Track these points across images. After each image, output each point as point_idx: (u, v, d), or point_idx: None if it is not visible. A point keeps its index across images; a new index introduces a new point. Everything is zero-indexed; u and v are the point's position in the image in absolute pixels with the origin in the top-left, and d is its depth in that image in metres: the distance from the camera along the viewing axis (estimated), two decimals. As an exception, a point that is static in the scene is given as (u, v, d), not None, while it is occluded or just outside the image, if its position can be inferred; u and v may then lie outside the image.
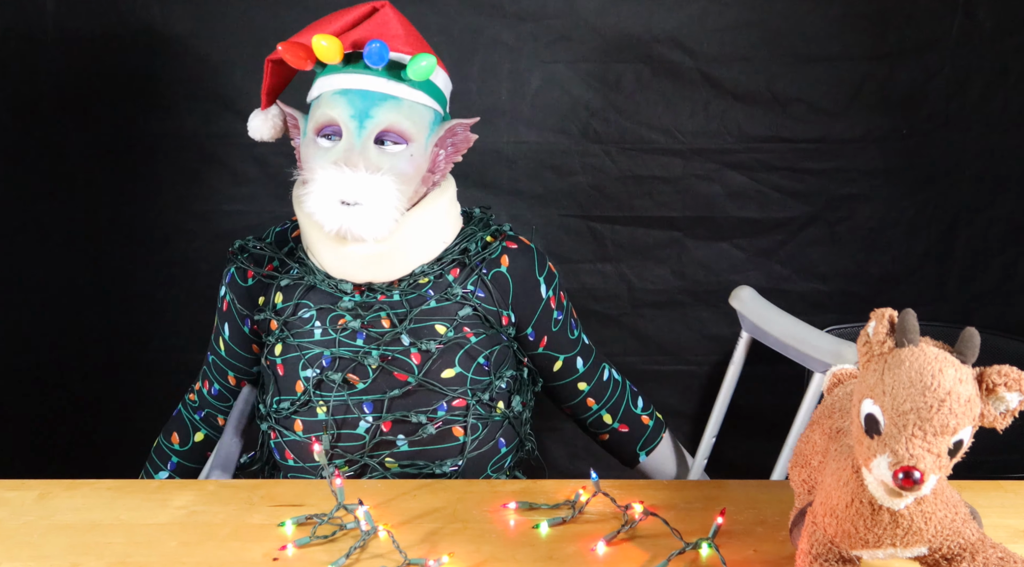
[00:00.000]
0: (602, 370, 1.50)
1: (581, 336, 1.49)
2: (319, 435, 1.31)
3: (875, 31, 1.91)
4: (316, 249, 1.31)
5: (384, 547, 1.05)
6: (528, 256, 1.40)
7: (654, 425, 1.55)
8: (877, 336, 0.85)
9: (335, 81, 1.26)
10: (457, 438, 1.33)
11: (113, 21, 1.89)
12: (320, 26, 1.28)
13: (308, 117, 1.30)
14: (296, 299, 1.33)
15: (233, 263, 1.40)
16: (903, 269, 2.04)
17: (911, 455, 0.78)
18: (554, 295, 1.43)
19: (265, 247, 1.40)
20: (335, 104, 1.25)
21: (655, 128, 1.97)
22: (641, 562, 1.03)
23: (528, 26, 1.91)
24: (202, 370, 1.49)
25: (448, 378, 1.31)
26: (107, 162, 1.96)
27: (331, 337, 1.31)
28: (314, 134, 1.27)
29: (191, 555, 1.04)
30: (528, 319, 1.40)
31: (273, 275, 1.36)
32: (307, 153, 1.28)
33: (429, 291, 1.32)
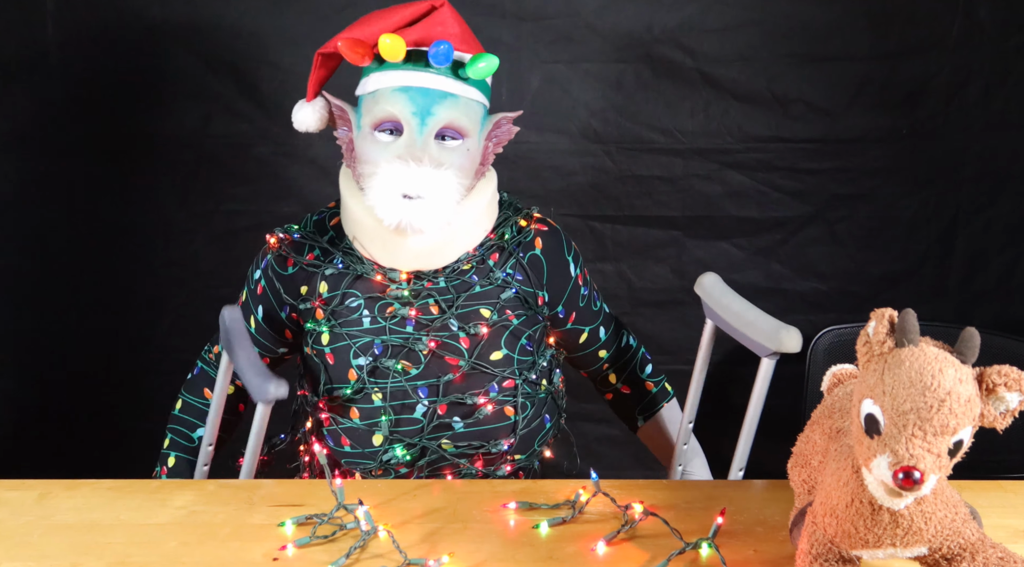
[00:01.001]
0: (621, 336, 1.56)
1: (603, 306, 1.54)
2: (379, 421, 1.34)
3: (875, 31, 1.91)
4: (368, 239, 1.34)
5: (384, 547, 1.05)
6: (557, 237, 1.45)
7: (657, 392, 1.58)
8: (877, 336, 0.85)
9: (394, 78, 1.28)
10: (508, 417, 1.37)
11: (113, 21, 1.89)
12: (376, 21, 1.29)
13: (361, 110, 1.32)
14: (343, 288, 1.35)
15: (272, 251, 1.40)
16: (903, 269, 2.04)
17: (911, 455, 0.78)
18: (580, 273, 1.48)
19: (307, 236, 1.40)
20: (396, 101, 1.27)
21: (655, 128, 1.97)
22: (641, 562, 1.03)
23: (528, 26, 1.91)
24: None
25: (496, 360, 1.36)
26: (107, 162, 1.96)
27: (380, 325, 1.33)
28: (371, 128, 1.30)
29: (191, 555, 1.04)
30: (559, 297, 1.45)
31: (316, 264, 1.37)
32: (364, 147, 1.31)
33: (473, 277, 1.36)
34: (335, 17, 1.89)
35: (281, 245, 1.40)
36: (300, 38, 1.90)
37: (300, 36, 1.90)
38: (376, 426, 1.34)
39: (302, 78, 1.91)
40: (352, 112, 1.34)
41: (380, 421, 1.33)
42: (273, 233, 1.41)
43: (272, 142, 1.95)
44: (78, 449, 2.10)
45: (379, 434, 1.34)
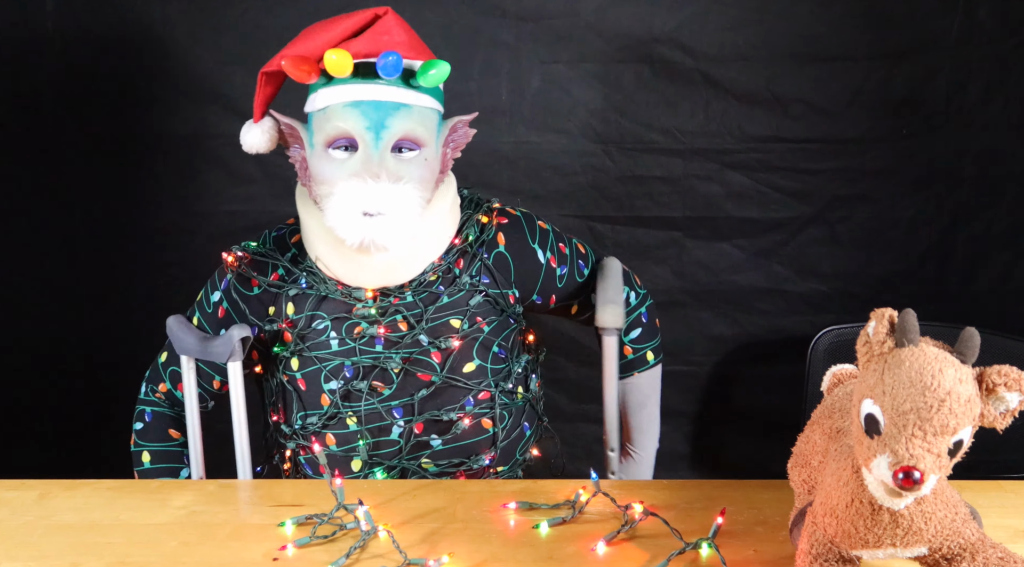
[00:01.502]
0: None
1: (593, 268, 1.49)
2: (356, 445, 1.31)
3: (875, 31, 1.91)
4: (330, 259, 1.30)
5: (384, 547, 1.05)
6: (519, 227, 1.42)
7: (634, 359, 1.52)
8: (877, 336, 0.85)
9: (343, 93, 1.24)
10: (487, 430, 1.35)
11: (113, 21, 1.89)
12: (319, 35, 1.26)
13: (312, 129, 1.28)
14: (308, 311, 1.32)
15: (231, 270, 1.37)
16: (903, 269, 2.04)
17: (911, 455, 0.78)
18: (553, 254, 1.44)
19: (267, 254, 1.37)
20: (347, 116, 1.24)
21: (655, 128, 1.97)
22: (641, 562, 1.03)
23: (528, 26, 1.91)
24: (169, 371, 1.43)
25: (470, 372, 1.33)
26: (107, 162, 1.96)
27: (349, 346, 1.31)
28: (324, 146, 1.26)
29: (191, 555, 1.04)
30: (532, 288, 1.42)
31: (280, 284, 1.34)
32: (319, 165, 1.27)
33: (440, 287, 1.34)
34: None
35: (241, 264, 1.36)
36: (300, 38, 1.90)
37: (300, 36, 1.90)
38: (353, 451, 1.32)
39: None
40: (303, 130, 1.30)
41: (358, 445, 1.31)
42: (230, 251, 1.37)
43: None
44: (78, 449, 2.10)
45: (357, 459, 1.32)
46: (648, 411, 1.57)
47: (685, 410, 2.14)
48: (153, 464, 1.43)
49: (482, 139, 1.98)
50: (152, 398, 1.46)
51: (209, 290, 1.40)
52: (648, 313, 1.57)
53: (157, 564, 1.03)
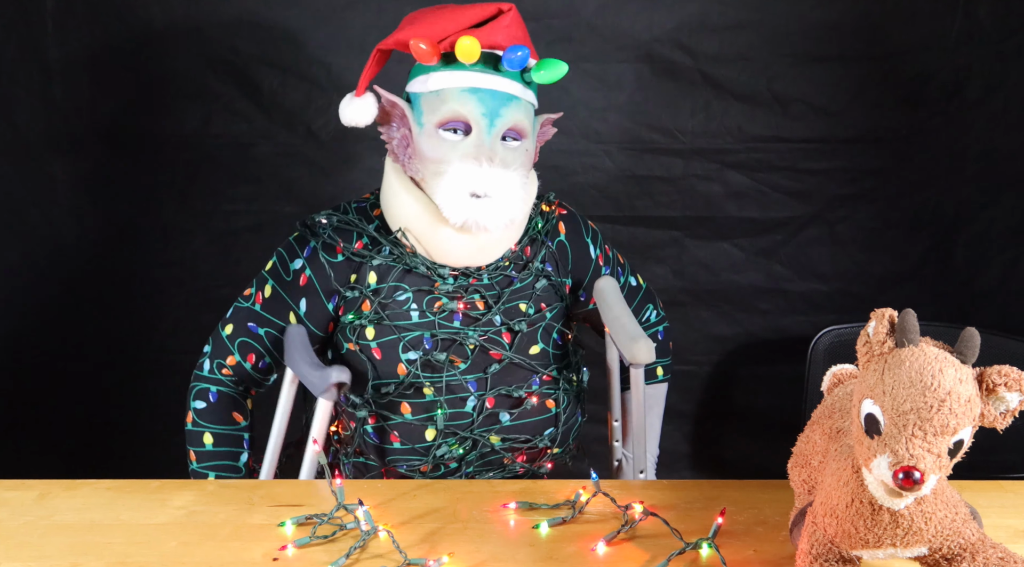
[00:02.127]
0: (644, 311, 1.58)
1: (629, 279, 1.57)
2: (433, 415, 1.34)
3: (875, 31, 1.91)
4: (421, 235, 1.34)
5: (384, 547, 1.05)
6: (575, 220, 1.50)
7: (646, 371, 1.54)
8: (877, 336, 0.85)
9: (464, 78, 1.29)
10: (550, 410, 1.41)
11: (113, 21, 1.88)
12: (443, 20, 1.30)
13: (421, 108, 1.32)
14: (392, 281, 1.35)
15: (315, 236, 1.38)
16: (903, 269, 2.04)
17: (911, 455, 0.78)
18: (601, 252, 1.52)
19: (351, 223, 1.39)
20: (465, 101, 1.29)
21: (655, 128, 1.97)
22: (641, 562, 1.03)
23: (528, 26, 1.89)
24: (238, 342, 1.41)
25: (535, 354, 1.39)
26: (107, 162, 1.96)
27: (429, 319, 1.35)
28: (436, 127, 1.31)
29: (191, 555, 1.04)
30: (581, 281, 1.49)
31: (364, 254, 1.36)
32: (429, 144, 1.31)
33: (512, 271, 1.40)
34: (335, 17, 1.89)
35: (324, 232, 1.38)
36: (301, 38, 1.90)
37: (301, 36, 1.90)
38: (429, 421, 1.35)
39: (302, 78, 1.92)
40: (408, 109, 1.34)
41: (435, 415, 1.35)
42: (310, 219, 1.39)
43: (272, 142, 1.95)
44: (78, 449, 2.10)
45: (432, 429, 1.35)
46: (650, 420, 1.60)
47: (685, 410, 2.14)
48: (216, 446, 1.42)
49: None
50: (218, 376, 1.43)
51: (287, 257, 1.39)
52: (664, 333, 1.62)
53: (157, 564, 1.03)
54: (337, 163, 1.96)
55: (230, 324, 1.42)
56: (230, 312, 1.43)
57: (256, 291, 1.41)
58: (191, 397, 1.44)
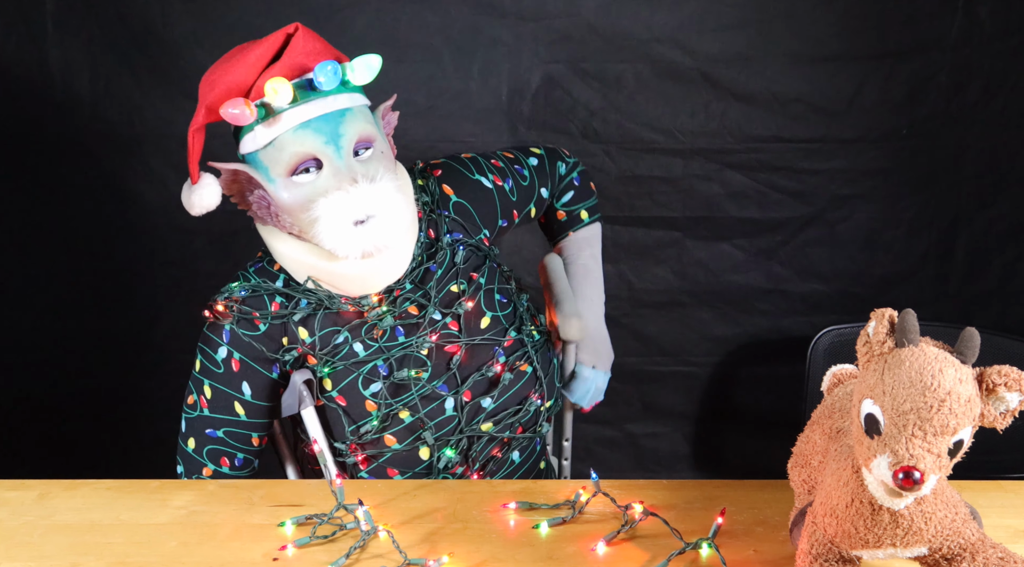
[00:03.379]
0: (556, 171, 1.53)
1: (529, 164, 1.49)
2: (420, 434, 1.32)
3: (875, 31, 1.91)
4: (334, 276, 1.29)
5: (384, 547, 1.05)
6: (452, 170, 1.43)
7: (567, 220, 1.55)
8: (877, 336, 0.85)
9: (287, 120, 1.22)
10: (525, 372, 1.38)
11: (113, 21, 1.89)
12: (233, 71, 1.22)
13: (263, 165, 1.25)
14: (321, 329, 1.31)
15: (227, 319, 1.32)
16: (903, 269, 2.05)
17: (911, 455, 0.78)
18: (494, 174, 1.45)
19: (258, 288, 1.33)
20: (302, 139, 1.22)
21: (655, 128, 1.97)
22: (641, 562, 1.03)
23: (528, 26, 1.91)
24: (205, 452, 1.34)
25: (487, 326, 1.36)
26: (107, 162, 1.96)
27: (374, 347, 1.31)
28: (287, 176, 1.24)
29: (191, 555, 1.04)
30: (495, 217, 1.44)
31: (283, 314, 1.31)
32: (289, 195, 1.24)
33: (426, 262, 1.36)
34: (335, 17, 1.89)
35: (235, 309, 1.32)
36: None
37: (300, 36, 1.90)
38: (418, 441, 1.32)
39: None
40: (256, 170, 1.27)
41: (422, 434, 1.32)
42: (214, 303, 1.33)
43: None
44: (78, 449, 2.10)
45: (424, 447, 1.33)
46: (582, 262, 1.55)
47: (685, 410, 2.14)
48: None
49: (482, 139, 1.99)
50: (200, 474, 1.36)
51: (209, 351, 1.33)
52: (580, 177, 1.56)
53: (157, 564, 1.03)
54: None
55: (190, 438, 1.35)
56: (184, 426, 1.36)
57: (197, 396, 1.34)
58: None
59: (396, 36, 1.90)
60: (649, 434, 2.15)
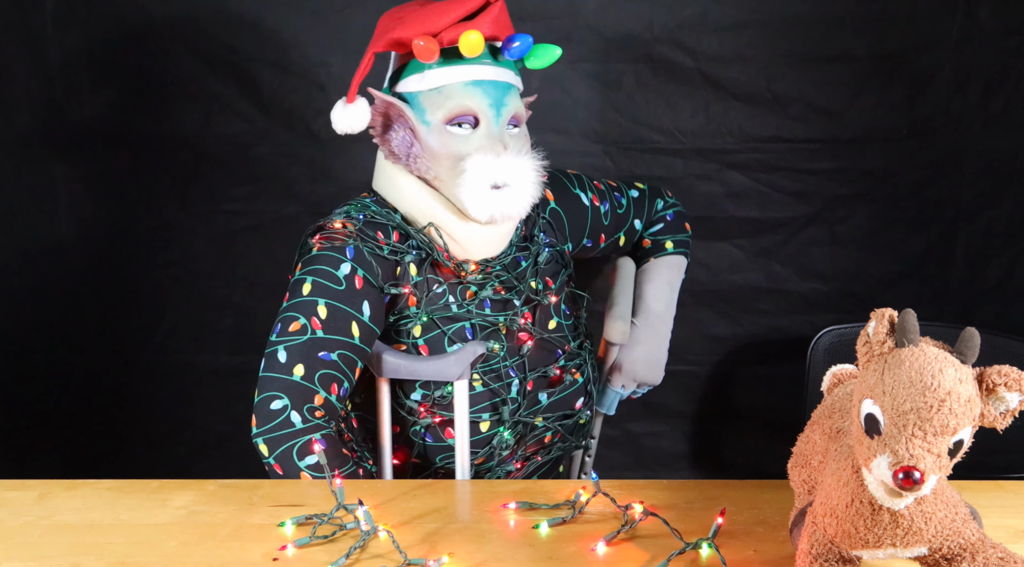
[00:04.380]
0: (654, 206, 1.61)
1: (630, 193, 1.58)
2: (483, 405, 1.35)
3: (875, 31, 1.91)
4: (454, 231, 1.34)
5: (384, 547, 1.05)
6: (558, 180, 1.51)
7: (651, 247, 1.60)
8: (877, 336, 0.85)
9: (463, 72, 1.30)
10: (577, 381, 1.44)
11: (113, 21, 1.89)
12: (434, 16, 1.28)
13: (423, 107, 1.31)
14: (427, 274, 1.35)
15: (354, 236, 1.31)
16: (904, 269, 2.04)
17: (911, 455, 0.78)
18: (594, 194, 1.53)
19: (381, 216, 1.35)
20: (471, 94, 1.30)
21: (655, 128, 1.97)
22: (641, 562, 1.03)
23: (528, 26, 1.91)
24: (317, 377, 1.26)
25: (553, 328, 1.42)
26: (107, 162, 1.96)
27: (465, 309, 1.35)
28: (443, 123, 1.30)
29: (191, 555, 1.04)
30: (582, 234, 1.52)
31: (401, 247, 1.34)
32: (438, 141, 1.31)
33: (516, 252, 1.42)
34: (335, 16, 1.89)
35: (357, 229, 1.32)
36: (300, 37, 1.90)
37: (300, 35, 1.90)
38: (483, 411, 1.36)
39: (302, 78, 1.92)
40: (414, 109, 1.32)
41: (500, 408, 1.36)
42: (327, 223, 1.33)
43: (272, 142, 1.95)
44: (78, 449, 2.10)
45: (485, 420, 1.36)
46: (656, 284, 1.56)
47: (685, 410, 2.14)
48: None
49: (482, 139, 1.99)
50: (313, 421, 1.25)
51: (329, 268, 1.29)
52: (675, 215, 1.62)
53: (157, 564, 1.03)
54: (337, 163, 1.96)
55: (297, 365, 1.25)
56: (283, 356, 1.26)
57: (307, 319, 1.27)
58: (295, 457, 1.24)
59: (396, 36, 1.90)
60: (649, 433, 2.15)
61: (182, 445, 2.11)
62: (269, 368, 1.27)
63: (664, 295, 1.55)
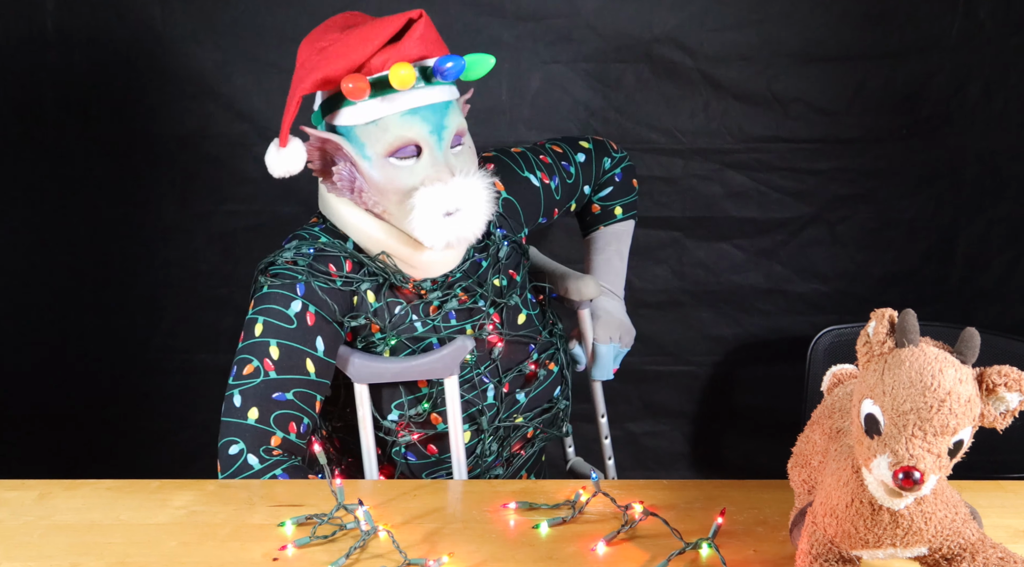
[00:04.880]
0: (602, 166, 1.57)
1: (576, 161, 1.54)
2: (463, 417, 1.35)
3: (875, 31, 1.91)
4: (408, 258, 1.30)
5: (384, 547, 1.05)
6: (504, 166, 1.46)
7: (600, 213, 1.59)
8: (877, 336, 0.85)
9: (398, 102, 1.23)
10: (552, 370, 1.44)
11: (113, 21, 1.89)
12: (356, 45, 1.23)
13: (360, 141, 1.26)
14: (386, 299, 1.32)
15: (303, 273, 1.29)
16: (903, 269, 2.05)
17: (911, 455, 0.78)
18: (543, 171, 1.49)
19: (331, 247, 1.32)
20: (410, 124, 1.24)
21: (655, 128, 1.97)
22: (641, 562, 1.03)
23: (528, 26, 1.91)
24: (273, 419, 1.26)
25: (523, 323, 1.40)
26: (107, 162, 1.97)
27: (430, 325, 1.34)
28: (384, 156, 1.25)
29: (191, 555, 1.04)
30: (537, 215, 1.49)
31: (354, 276, 1.31)
32: (382, 176, 1.25)
33: (474, 254, 1.39)
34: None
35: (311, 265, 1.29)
36: (300, 37, 1.89)
37: (300, 35, 1.89)
38: (464, 423, 1.35)
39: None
40: (351, 144, 1.27)
41: (479, 418, 1.36)
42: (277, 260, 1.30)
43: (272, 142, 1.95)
44: (78, 449, 2.10)
45: (466, 430, 1.35)
46: (606, 256, 1.57)
47: (685, 410, 2.14)
48: None
49: (482, 139, 1.98)
50: (271, 459, 1.25)
51: (278, 308, 1.27)
52: (623, 173, 1.58)
53: (157, 564, 1.03)
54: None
55: (251, 409, 1.25)
56: (238, 401, 1.26)
57: (259, 361, 1.26)
58: None
59: (396, 36, 1.90)
60: (649, 433, 2.15)
61: (182, 445, 2.11)
62: (226, 412, 1.27)
63: (616, 266, 1.58)
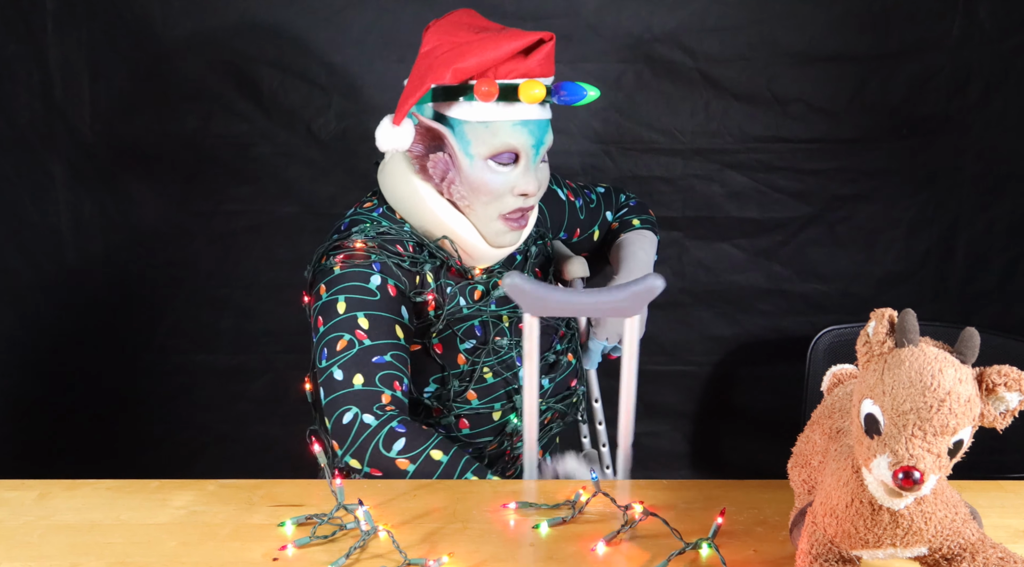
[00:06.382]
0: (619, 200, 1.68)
1: (598, 192, 1.65)
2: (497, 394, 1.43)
3: (875, 31, 1.91)
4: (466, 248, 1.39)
5: (384, 547, 1.05)
6: None
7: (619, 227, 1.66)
8: (877, 336, 0.85)
9: (514, 112, 1.32)
10: (571, 362, 1.53)
11: (113, 21, 1.89)
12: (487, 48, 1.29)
13: (467, 137, 1.32)
14: (442, 279, 1.40)
15: (376, 252, 1.34)
16: (903, 269, 2.05)
17: (911, 455, 0.78)
18: (568, 190, 1.61)
19: (395, 230, 1.38)
20: (518, 134, 1.33)
21: (655, 128, 1.97)
22: (641, 562, 1.03)
23: (528, 26, 1.90)
24: (378, 379, 1.27)
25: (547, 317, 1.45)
26: (108, 162, 1.96)
27: (474, 308, 1.42)
28: (485, 158, 1.33)
29: (191, 555, 1.04)
30: (559, 228, 1.61)
31: (416, 257, 1.39)
32: (477, 175, 1.33)
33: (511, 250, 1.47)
34: (335, 17, 1.89)
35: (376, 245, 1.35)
36: (300, 38, 1.90)
37: (300, 36, 1.90)
38: (495, 401, 1.42)
39: (302, 78, 1.92)
40: (456, 137, 1.33)
41: (514, 398, 1.43)
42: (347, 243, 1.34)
43: (272, 142, 1.95)
44: (78, 449, 2.10)
45: (498, 409, 1.43)
46: (631, 251, 1.59)
47: (685, 410, 2.14)
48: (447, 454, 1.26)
49: (482, 139, 1.99)
50: (386, 414, 1.26)
51: (359, 284, 1.31)
52: (638, 204, 1.69)
53: (157, 564, 1.03)
54: (337, 163, 1.96)
55: (356, 375, 1.27)
56: (340, 374, 1.27)
57: (350, 334, 1.29)
58: (381, 448, 1.24)
59: (396, 36, 1.90)
60: (649, 433, 2.15)
61: (182, 445, 2.11)
62: (329, 389, 1.28)
63: (642, 258, 1.59)
